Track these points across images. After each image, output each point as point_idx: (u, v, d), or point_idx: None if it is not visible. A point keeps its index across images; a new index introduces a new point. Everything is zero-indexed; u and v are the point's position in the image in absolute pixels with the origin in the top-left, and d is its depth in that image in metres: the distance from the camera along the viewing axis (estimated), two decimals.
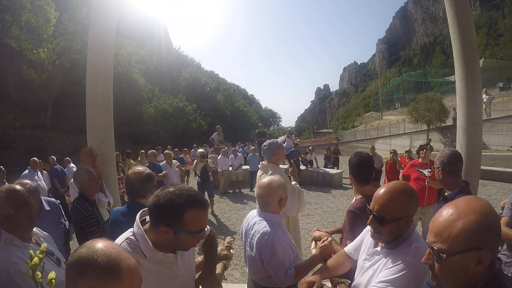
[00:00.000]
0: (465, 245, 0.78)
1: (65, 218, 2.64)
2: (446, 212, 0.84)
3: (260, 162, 2.95)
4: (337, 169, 11.94)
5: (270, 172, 2.63)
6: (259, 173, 2.85)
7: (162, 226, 1.07)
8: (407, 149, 8.17)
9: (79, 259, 0.71)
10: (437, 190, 4.30)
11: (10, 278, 1.29)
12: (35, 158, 6.08)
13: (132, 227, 1.20)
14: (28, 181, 2.32)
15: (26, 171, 5.89)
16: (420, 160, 4.52)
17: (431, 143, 4.47)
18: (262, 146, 2.87)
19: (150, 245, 1.12)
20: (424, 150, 4.45)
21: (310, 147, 12.76)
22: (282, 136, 4.35)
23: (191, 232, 1.09)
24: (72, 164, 7.37)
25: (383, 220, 1.20)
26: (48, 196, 6.41)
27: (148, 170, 1.99)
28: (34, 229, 1.63)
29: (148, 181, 1.93)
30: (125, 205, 2.00)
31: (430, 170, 4.08)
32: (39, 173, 6.04)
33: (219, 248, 1.77)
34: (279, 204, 1.77)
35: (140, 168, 2.01)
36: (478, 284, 0.81)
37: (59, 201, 2.68)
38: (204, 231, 1.16)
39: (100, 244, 0.74)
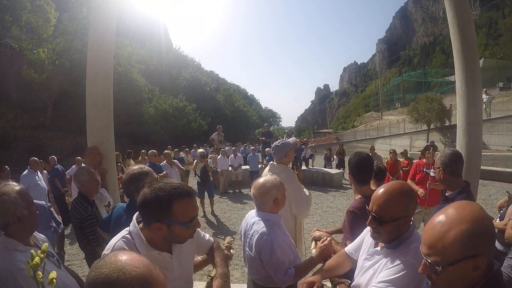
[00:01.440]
0: (459, 255, 0.78)
1: (58, 222, 2.61)
2: (437, 223, 0.84)
3: (270, 163, 2.71)
4: (343, 170, 11.49)
5: (284, 174, 2.46)
6: (268, 173, 2.58)
7: (155, 222, 1.08)
8: (402, 150, 8.10)
9: (108, 281, 0.63)
10: (440, 191, 4.32)
11: (18, 285, 1.26)
12: (35, 158, 6.04)
13: (129, 224, 1.22)
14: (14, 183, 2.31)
15: (26, 171, 5.82)
16: (424, 160, 4.55)
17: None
18: (274, 145, 2.67)
19: (146, 243, 1.13)
20: (430, 151, 4.47)
21: (305, 139, 12.47)
22: (294, 138, 4.23)
23: (183, 223, 1.10)
24: (83, 164, 7.35)
25: (382, 220, 1.21)
26: (48, 196, 6.42)
27: (134, 171, 1.92)
28: None
29: (131, 182, 1.87)
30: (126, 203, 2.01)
31: (433, 170, 4.11)
32: (38, 173, 6.02)
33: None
34: (274, 204, 1.75)
35: (130, 168, 1.97)
36: (476, 286, 0.81)
37: (49, 205, 2.66)
38: (197, 220, 1.17)
39: (127, 261, 0.66)
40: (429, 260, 0.82)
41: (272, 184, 1.75)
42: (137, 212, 1.25)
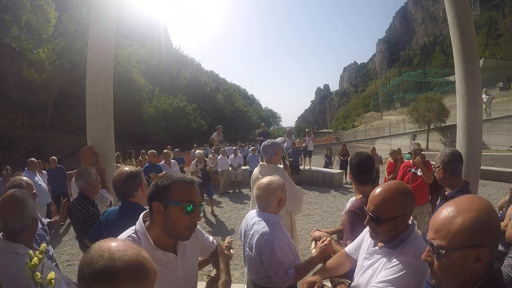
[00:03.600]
0: (464, 242, 0.79)
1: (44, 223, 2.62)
2: (446, 210, 0.85)
3: (260, 163, 2.81)
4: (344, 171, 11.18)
5: (278, 173, 2.47)
6: (258, 174, 2.68)
7: (154, 202, 1.14)
8: (395, 149, 7.99)
9: (106, 272, 0.65)
10: (427, 189, 4.48)
11: None
12: (33, 159, 5.96)
13: (125, 226, 1.23)
14: (28, 179, 2.32)
15: (24, 173, 5.59)
16: (411, 161, 4.61)
17: (416, 141, 4.60)
18: (263, 145, 2.76)
19: (151, 243, 1.14)
20: (417, 154, 4.57)
21: (307, 130, 12.46)
22: (281, 137, 4.30)
23: (177, 202, 1.13)
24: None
25: (379, 220, 1.22)
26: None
27: (130, 170, 1.92)
28: None
29: (130, 180, 1.85)
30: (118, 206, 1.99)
31: (420, 169, 4.40)
32: (37, 174, 5.92)
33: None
34: (278, 205, 1.77)
35: (121, 169, 1.96)
36: (477, 283, 0.81)
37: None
38: (197, 211, 1.18)
39: (116, 247, 0.69)
40: (434, 244, 0.83)
41: (277, 185, 1.75)
42: (143, 213, 1.26)
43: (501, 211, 3.20)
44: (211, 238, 1.60)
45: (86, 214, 2.29)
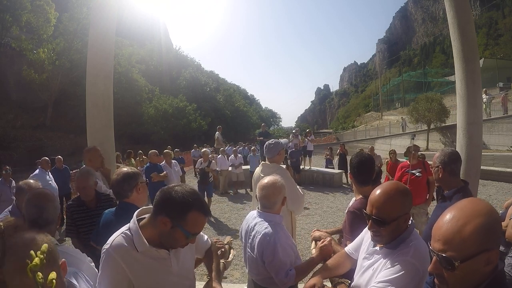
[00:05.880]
0: (476, 249, 0.77)
1: None
2: (451, 218, 0.82)
3: (262, 162, 2.82)
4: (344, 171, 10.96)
5: (279, 172, 2.50)
6: (260, 173, 2.69)
7: (164, 216, 1.11)
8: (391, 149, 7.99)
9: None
10: (424, 189, 4.52)
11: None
12: (46, 158, 5.98)
13: (120, 226, 1.25)
14: (36, 182, 2.38)
15: (37, 171, 5.71)
16: (408, 162, 4.62)
17: (414, 142, 4.61)
18: (267, 144, 2.78)
19: (144, 240, 1.15)
20: (413, 153, 4.60)
21: (308, 130, 12.45)
22: (285, 139, 4.37)
23: (187, 232, 1.13)
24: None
25: (384, 222, 1.20)
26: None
27: (127, 171, 1.91)
28: None
29: (125, 180, 1.84)
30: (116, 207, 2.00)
31: (418, 170, 4.44)
32: (49, 173, 5.94)
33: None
34: (282, 203, 1.78)
35: (120, 169, 1.96)
36: (481, 284, 0.80)
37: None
38: (195, 237, 1.20)
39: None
40: (445, 255, 0.80)
41: (281, 184, 1.76)
42: (138, 210, 1.28)
43: (500, 211, 3.20)
44: (205, 236, 1.61)
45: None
